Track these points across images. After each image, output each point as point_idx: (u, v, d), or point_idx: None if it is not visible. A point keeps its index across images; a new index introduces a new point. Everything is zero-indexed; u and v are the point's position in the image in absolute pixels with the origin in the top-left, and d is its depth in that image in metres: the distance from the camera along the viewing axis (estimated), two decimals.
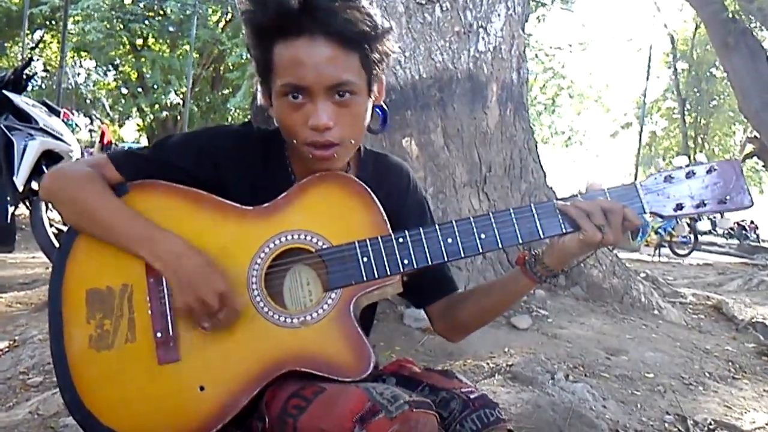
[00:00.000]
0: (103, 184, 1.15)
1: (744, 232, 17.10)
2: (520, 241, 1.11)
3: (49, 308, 1.12)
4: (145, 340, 1.09)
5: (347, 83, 1.07)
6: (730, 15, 10.88)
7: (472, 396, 1.11)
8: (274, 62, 1.07)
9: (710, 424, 2.42)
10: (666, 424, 2.41)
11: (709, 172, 1.11)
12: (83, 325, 1.10)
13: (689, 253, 12.28)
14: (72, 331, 1.10)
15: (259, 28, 1.08)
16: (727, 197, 1.11)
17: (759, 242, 17.87)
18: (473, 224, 1.11)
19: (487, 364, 2.77)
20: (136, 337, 1.09)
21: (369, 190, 1.15)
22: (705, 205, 1.11)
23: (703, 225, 1.17)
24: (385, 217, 1.14)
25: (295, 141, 1.11)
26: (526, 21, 4.44)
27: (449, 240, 1.11)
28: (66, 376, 1.08)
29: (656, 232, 11.69)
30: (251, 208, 1.15)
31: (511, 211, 1.11)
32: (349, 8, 1.04)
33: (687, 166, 1.13)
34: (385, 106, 1.24)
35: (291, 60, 1.05)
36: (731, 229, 13.29)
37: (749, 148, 12.52)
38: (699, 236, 12.00)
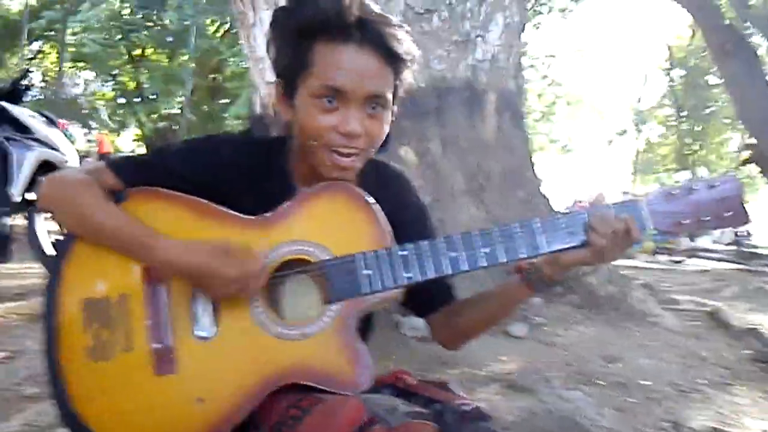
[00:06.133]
0: (101, 191, 1.14)
1: (739, 238, 17.06)
2: (525, 256, 1.11)
3: (45, 318, 1.10)
4: (143, 350, 1.07)
5: (383, 97, 1.11)
6: (727, 22, 10.91)
7: (465, 408, 1.10)
8: (314, 62, 1.08)
9: (706, 431, 2.42)
10: None
11: (710, 188, 1.13)
12: (79, 335, 1.08)
13: (686, 260, 12.29)
14: (67, 340, 1.08)
15: (304, 26, 1.08)
16: (727, 214, 1.12)
17: (755, 249, 17.81)
18: (477, 238, 1.11)
19: (483, 372, 2.78)
20: (133, 348, 1.08)
21: (373, 201, 1.15)
22: (705, 221, 1.13)
23: (703, 241, 1.19)
24: (389, 230, 1.14)
25: (315, 142, 1.11)
26: (523, 30, 4.46)
27: (452, 254, 1.10)
28: (60, 388, 1.07)
29: (653, 240, 11.69)
30: (252, 217, 1.14)
31: (516, 225, 1.12)
32: (396, 27, 1.10)
33: (689, 182, 1.15)
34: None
35: (336, 63, 1.06)
36: (732, 243, 13.24)
37: (746, 154, 12.52)
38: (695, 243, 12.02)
